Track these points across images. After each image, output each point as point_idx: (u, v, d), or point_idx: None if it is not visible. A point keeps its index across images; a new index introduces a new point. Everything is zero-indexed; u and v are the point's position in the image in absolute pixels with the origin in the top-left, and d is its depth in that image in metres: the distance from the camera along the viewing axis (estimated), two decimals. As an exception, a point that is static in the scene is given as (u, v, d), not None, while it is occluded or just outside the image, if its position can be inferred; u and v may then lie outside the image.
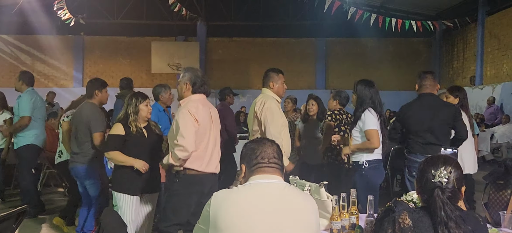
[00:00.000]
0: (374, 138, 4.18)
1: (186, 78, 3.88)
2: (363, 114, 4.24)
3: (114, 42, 18.79)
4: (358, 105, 4.33)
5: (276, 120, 4.41)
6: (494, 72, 13.88)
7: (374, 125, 4.20)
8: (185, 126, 3.71)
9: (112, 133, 4.12)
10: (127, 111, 4.12)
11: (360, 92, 4.33)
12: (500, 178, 2.91)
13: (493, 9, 13.98)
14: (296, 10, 16.76)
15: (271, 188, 2.22)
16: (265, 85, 4.60)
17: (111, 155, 4.11)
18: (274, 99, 4.51)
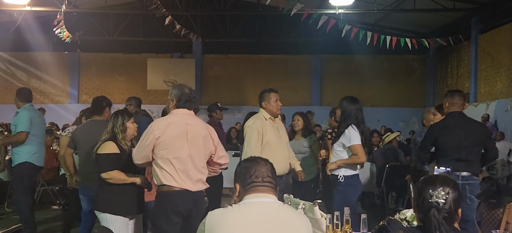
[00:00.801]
0: (361, 152, 4.25)
1: (173, 95, 3.87)
2: (347, 130, 4.31)
3: (110, 59, 18.84)
4: (342, 121, 4.40)
5: (253, 139, 4.52)
6: (488, 89, 13.99)
7: (359, 140, 4.28)
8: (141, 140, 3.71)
9: (107, 151, 4.02)
10: (114, 130, 4.09)
11: (345, 108, 4.42)
12: (492, 197, 2.94)
13: (486, 27, 14.15)
14: (291, 27, 16.89)
15: (265, 207, 2.23)
16: (260, 105, 4.75)
17: (111, 175, 3.98)
18: (261, 118, 4.63)
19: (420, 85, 18.72)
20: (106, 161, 4.00)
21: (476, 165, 4.60)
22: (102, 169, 4.02)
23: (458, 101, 4.73)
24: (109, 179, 4.00)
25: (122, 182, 4.03)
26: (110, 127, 4.11)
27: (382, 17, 16.26)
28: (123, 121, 4.12)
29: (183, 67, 18.00)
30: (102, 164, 4.02)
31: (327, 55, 18.54)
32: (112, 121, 4.14)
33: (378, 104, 18.16)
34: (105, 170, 4.00)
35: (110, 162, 3.99)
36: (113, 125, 4.11)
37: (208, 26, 17.74)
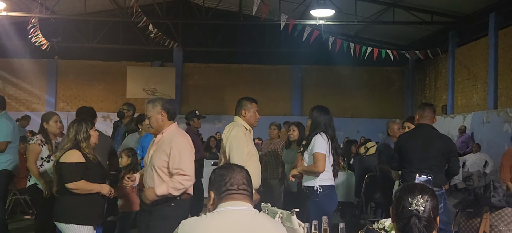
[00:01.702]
0: (320, 162, 4.20)
1: (158, 107, 3.82)
2: (314, 138, 4.27)
3: (89, 66, 18.59)
4: (311, 130, 4.36)
5: (241, 148, 4.38)
6: (465, 101, 14.21)
7: (322, 149, 4.23)
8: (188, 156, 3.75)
9: (72, 161, 3.86)
10: (77, 138, 3.94)
11: (315, 118, 4.38)
12: (469, 206, 2.94)
13: (463, 40, 14.40)
14: (272, 37, 16.93)
15: (240, 215, 2.18)
16: (237, 113, 4.60)
17: (78, 185, 3.85)
18: (242, 127, 4.51)
19: (399, 96, 18.93)
20: (72, 171, 3.85)
21: (440, 176, 4.73)
22: (67, 179, 3.85)
23: (428, 114, 4.84)
24: (75, 190, 3.86)
25: (87, 192, 3.90)
26: (73, 134, 3.95)
27: (362, 29, 16.43)
28: (87, 129, 3.98)
29: (163, 76, 17.86)
30: (67, 173, 3.85)
31: (308, 66, 18.63)
32: (74, 128, 3.98)
33: (358, 115, 18.30)
34: (71, 180, 3.84)
35: (76, 171, 3.85)
36: (76, 132, 3.95)
37: (189, 35, 17.67)
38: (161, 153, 3.75)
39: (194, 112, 7.51)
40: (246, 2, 14.95)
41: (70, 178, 3.85)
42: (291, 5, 13.97)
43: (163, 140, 3.82)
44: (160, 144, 3.82)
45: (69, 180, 3.85)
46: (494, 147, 12.00)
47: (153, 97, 4.04)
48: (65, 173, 3.86)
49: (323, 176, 4.27)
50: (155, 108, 3.81)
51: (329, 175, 4.33)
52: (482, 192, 2.83)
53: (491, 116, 12.35)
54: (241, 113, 4.57)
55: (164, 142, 3.80)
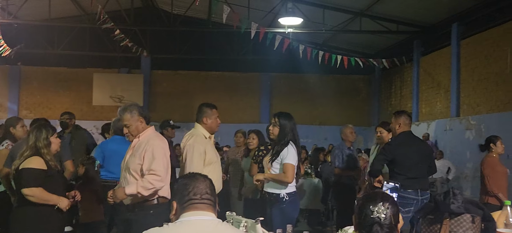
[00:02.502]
0: (290, 172, 4.23)
1: (136, 114, 3.86)
2: (286, 148, 4.29)
3: (53, 73, 18.17)
4: (281, 138, 4.37)
5: (195, 158, 4.35)
6: (429, 109, 14.56)
7: (294, 160, 4.27)
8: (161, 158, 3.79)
9: (33, 166, 3.70)
10: (37, 145, 3.79)
11: (283, 125, 4.40)
12: (430, 213, 2.99)
13: (427, 49, 14.78)
14: (241, 45, 16.96)
15: (203, 225, 2.15)
16: (198, 120, 4.57)
17: (34, 192, 3.67)
18: (201, 135, 4.48)
19: (365, 104, 19.25)
20: (30, 176, 3.67)
21: (426, 179, 5.12)
22: (24, 184, 3.67)
23: (408, 121, 5.06)
24: (30, 196, 3.67)
25: (44, 201, 3.73)
26: (32, 141, 3.79)
27: (330, 38, 16.66)
28: (47, 135, 3.84)
29: (131, 83, 17.64)
30: (25, 178, 3.67)
31: (276, 74, 18.74)
32: (34, 134, 3.82)
33: (325, 123, 18.49)
34: (28, 185, 3.65)
35: (35, 177, 3.68)
36: (36, 138, 3.79)
37: (157, 42, 17.50)
38: (136, 157, 3.80)
39: (168, 122, 7.41)
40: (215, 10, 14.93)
41: (28, 183, 3.66)
42: (260, 13, 14.05)
43: (139, 143, 3.87)
44: (136, 148, 3.86)
45: (25, 185, 3.67)
46: (456, 153, 12.33)
47: (126, 105, 3.98)
48: (23, 178, 3.68)
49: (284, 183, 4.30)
50: (134, 116, 3.84)
51: (294, 182, 4.37)
52: (442, 199, 2.89)
53: (454, 124, 12.70)
54: (202, 120, 4.54)
55: (140, 146, 3.84)
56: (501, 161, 6.15)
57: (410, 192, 4.88)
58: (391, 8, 12.91)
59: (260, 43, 13.10)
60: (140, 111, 3.91)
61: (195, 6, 13.71)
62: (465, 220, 2.81)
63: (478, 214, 2.84)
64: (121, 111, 3.93)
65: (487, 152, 6.15)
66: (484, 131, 11.09)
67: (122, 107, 4.02)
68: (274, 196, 4.30)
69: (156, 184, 3.70)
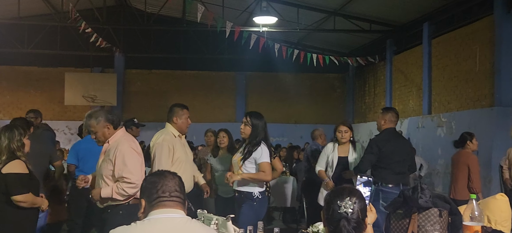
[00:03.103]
0: (268, 171, 4.28)
1: (103, 121, 3.85)
2: (260, 147, 4.33)
3: (24, 72, 17.77)
4: (253, 137, 4.39)
5: (163, 155, 4.40)
6: (402, 107, 14.79)
7: (268, 158, 4.31)
8: (133, 162, 3.78)
9: (18, 171, 3.64)
10: (10, 147, 3.70)
11: (255, 125, 4.42)
12: (399, 208, 3.04)
13: (400, 48, 15.01)
14: (217, 44, 16.90)
15: (172, 223, 2.14)
16: (169, 120, 4.65)
17: (27, 198, 3.65)
18: (171, 134, 4.53)
19: (340, 102, 19.43)
20: (19, 182, 3.62)
21: (408, 177, 5.36)
22: (15, 191, 3.61)
23: (394, 119, 5.17)
24: (22, 202, 3.65)
25: (33, 205, 3.74)
26: (6, 143, 3.69)
27: (304, 36, 16.75)
28: (20, 137, 3.76)
29: (104, 82, 17.38)
30: (14, 185, 3.61)
31: (252, 73, 18.75)
32: (6, 136, 3.71)
33: (301, 121, 18.59)
34: (20, 192, 3.61)
35: (23, 183, 3.65)
36: (9, 140, 3.70)
37: (131, 41, 17.28)
38: (107, 162, 3.84)
39: (132, 120, 7.32)
40: (190, 9, 14.84)
41: (18, 190, 3.61)
42: (235, 12, 14.03)
43: (109, 148, 3.89)
44: (107, 152, 3.88)
45: (18, 192, 3.61)
46: (428, 150, 12.55)
47: (92, 111, 3.98)
48: (10, 184, 3.61)
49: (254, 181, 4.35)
50: (100, 123, 3.84)
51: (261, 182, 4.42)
52: (410, 194, 2.94)
53: (426, 121, 12.93)
54: (173, 120, 4.62)
55: (110, 150, 3.86)
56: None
57: (393, 187, 5.00)
58: (364, 7, 13.06)
59: (235, 42, 13.08)
60: (107, 117, 3.89)
61: (169, 4, 13.61)
62: (433, 214, 2.86)
63: (446, 208, 2.91)
64: (87, 117, 3.92)
65: (461, 148, 6.28)
66: (454, 128, 11.33)
67: (88, 113, 3.99)
68: (245, 194, 4.31)
69: (129, 191, 3.76)
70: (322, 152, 5.97)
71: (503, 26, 9.99)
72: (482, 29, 10.81)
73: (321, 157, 5.92)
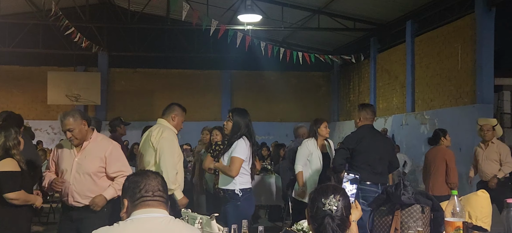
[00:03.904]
0: (235, 166, 4.16)
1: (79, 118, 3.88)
2: (237, 141, 4.26)
3: (5, 71, 17.50)
4: (233, 133, 4.34)
5: (173, 151, 4.36)
6: (386, 105, 14.92)
7: (242, 154, 4.20)
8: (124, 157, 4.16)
9: (10, 169, 3.68)
10: (6, 145, 3.74)
11: (236, 121, 4.37)
12: (382, 205, 3.06)
13: (383, 46, 15.13)
14: (202, 43, 16.85)
15: (155, 222, 2.12)
16: (166, 116, 4.56)
17: (19, 195, 3.68)
18: (172, 130, 4.48)
19: (325, 100, 19.52)
20: (11, 180, 3.67)
21: (387, 176, 5.21)
22: (6, 189, 3.65)
23: (370, 115, 5.12)
24: (15, 200, 3.69)
25: (25, 203, 3.78)
26: (2, 141, 3.72)
27: (289, 35, 16.79)
28: (16, 135, 3.81)
29: (87, 81, 17.21)
30: (6, 182, 3.65)
31: (237, 71, 18.74)
32: (3, 134, 3.76)
33: (286, 119, 18.63)
34: (11, 189, 3.65)
35: (15, 181, 3.69)
36: (6, 138, 3.74)
37: (114, 39, 17.13)
38: (94, 159, 3.90)
39: (119, 119, 7.30)
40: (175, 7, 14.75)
41: (10, 187, 3.65)
42: (219, 11, 14.00)
43: (93, 146, 3.95)
44: (91, 150, 3.93)
45: (10, 190, 3.66)
46: (412, 147, 12.69)
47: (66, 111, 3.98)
48: (3, 182, 3.65)
49: (242, 179, 4.24)
50: (77, 120, 3.86)
51: (248, 179, 4.32)
52: (393, 191, 2.97)
53: (409, 119, 13.06)
54: (171, 116, 4.55)
55: (95, 148, 3.94)
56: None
57: (371, 185, 4.97)
58: (348, 6, 13.14)
59: (220, 41, 13.06)
60: (82, 114, 3.98)
61: (153, 3, 13.53)
62: (415, 210, 2.89)
63: (428, 204, 2.94)
64: (63, 116, 3.90)
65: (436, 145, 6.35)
66: (437, 125, 11.46)
67: (68, 112, 3.97)
68: (228, 192, 4.26)
69: None
70: (302, 149, 5.74)
71: (484, 24, 10.14)
72: (463, 27, 10.95)
73: (301, 154, 5.70)
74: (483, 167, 6.35)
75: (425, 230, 2.85)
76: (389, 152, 5.28)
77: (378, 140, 5.22)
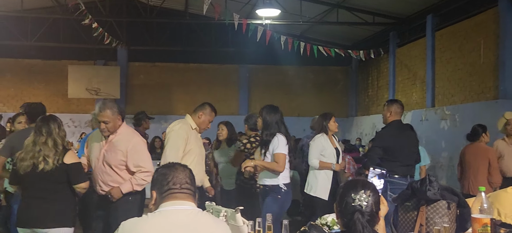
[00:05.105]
0: (282, 161, 4.28)
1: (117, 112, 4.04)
2: (276, 138, 4.33)
3: (27, 65, 17.78)
4: (264, 129, 4.41)
5: (176, 144, 4.41)
6: (405, 100, 14.75)
7: (284, 149, 4.31)
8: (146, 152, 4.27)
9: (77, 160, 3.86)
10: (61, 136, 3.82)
11: (264, 118, 4.43)
12: (407, 200, 3.04)
13: (403, 41, 14.96)
14: (220, 37, 16.88)
15: (183, 214, 2.15)
16: (194, 113, 4.63)
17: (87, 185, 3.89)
18: (187, 125, 4.53)
19: (343, 95, 19.40)
20: (82, 170, 3.87)
21: (414, 168, 5.32)
22: (81, 179, 3.80)
23: (400, 110, 5.20)
24: (84, 189, 3.90)
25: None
26: (56, 133, 3.78)
27: (307, 29, 16.71)
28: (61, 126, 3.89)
29: (107, 75, 17.37)
30: (79, 173, 3.81)
31: (255, 65, 18.72)
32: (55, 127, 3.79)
33: (304, 114, 18.55)
34: (84, 179, 3.83)
35: (83, 171, 3.90)
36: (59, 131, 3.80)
37: (133, 34, 17.26)
38: (116, 152, 4.03)
39: (144, 113, 7.39)
40: (193, 1, 14.80)
41: (83, 177, 3.84)
42: (237, 5, 13.99)
43: (118, 139, 4.06)
44: (115, 143, 4.05)
45: (82, 180, 3.83)
46: (431, 143, 12.54)
47: (106, 101, 4.15)
48: (75, 173, 3.79)
49: (285, 174, 4.36)
50: (114, 114, 4.01)
51: (288, 173, 4.43)
52: (418, 186, 2.94)
53: (429, 114, 12.91)
54: (198, 113, 4.62)
55: (119, 142, 4.05)
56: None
57: (400, 178, 5.04)
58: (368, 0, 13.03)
59: (238, 35, 13.07)
60: (119, 109, 4.11)
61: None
62: (441, 206, 2.86)
63: (454, 200, 2.91)
64: (102, 107, 3.97)
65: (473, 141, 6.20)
66: (458, 121, 11.31)
67: (102, 102, 4.06)
68: (270, 187, 4.34)
69: (147, 179, 4.02)
70: (316, 144, 5.65)
71: (508, 18, 9.95)
72: (486, 21, 10.77)
73: (314, 149, 5.60)
74: (510, 163, 6.17)
75: (452, 226, 2.82)
76: (416, 145, 5.39)
77: (407, 134, 5.30)
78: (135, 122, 7.25)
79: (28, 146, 3.76)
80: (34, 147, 3.72)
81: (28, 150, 3.75)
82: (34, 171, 3.70)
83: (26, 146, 3.79)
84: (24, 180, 3.77)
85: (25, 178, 3.75)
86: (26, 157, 3.73)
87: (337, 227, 2.90)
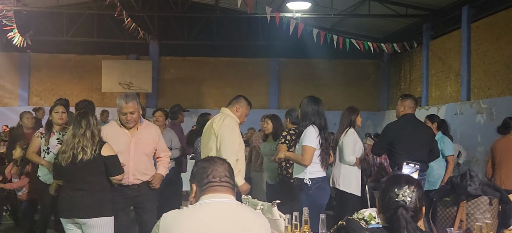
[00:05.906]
0: (307, 155, 4.19)
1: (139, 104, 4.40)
2: (306, 129, 4.28)
3: (62, 60, 18.23)
4: (301, 120, 4.39)
5: (233, 137, 4.41)
6: (439, 93, 14.46)
7: (312, 142, 4.21)
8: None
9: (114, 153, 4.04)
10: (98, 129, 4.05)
11: (303, 108, 4.40)
12: (446, 195, 2.99)
13: (437, 33, 14.63)
14: (250, 30, 16.89)
15: (222, 207, 2.18)
16: (230, 106, 4.62)
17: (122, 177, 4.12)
18: (234, 118, 4.53)
19: (374, 89, 19.13)
20: (118, 163, 4.03)
21: (426, 164, 5.22)
22: (118, 171, 4.01)
23: (413, 105, 5.15)
24: (119, 181, 4.09)
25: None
26: (94, 125, 3.97)
27: (338, 22, 16.52)
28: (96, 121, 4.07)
29: (139, 69, 17.64)
30: (116, 165, 4.00)
31: (285, 59, 18.66)
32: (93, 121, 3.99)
33: (334, 108, 18.35)
34: (120, 171, 4.04)
35: (119, 163, 4.06)
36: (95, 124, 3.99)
37: (165, 28, 17.47)
38: (149, 141, 4.43)
39: (179, 106, 7.50)
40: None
41: (119, 169, 4.02)
42: (268, -2, 13.94)
43: (145, 130, 4.43)
44: (143, 133, 4.39)
45: (119, 172, 4.02)
46: (467, 138, 12.26)
47: (130, 94, 4.27)
48: (113, 165, 3.98)
49: (313, 168, 4.26)
50: (138, 105, 4.33)
51: (319, 167, 4.32)
52: (458, 181, 2.89)
53: (465, 108, 12.61)
54: (235, 107, 4.62)
55: (148, 132, 4.43)
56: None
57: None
58: (401, -9, 12.78)
59: (268, 29, 13.05)
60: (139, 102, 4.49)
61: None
62: (482, 202, 2.81)
63: (496, 196, 2.84)
64: (128, 99, 4.14)
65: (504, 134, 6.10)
66: (495, 114, 11.00)
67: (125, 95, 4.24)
68: (299, 181, 4.32)
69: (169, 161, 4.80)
70: (349, 140, 5.54)
71: (549, 8, 9.61)
72: (525, 12, 10.43)
73: (349, 145, 5.50)
74: None
75: (493, 222, 2.76)
76: (430, 141, 5.30)
77: (419, 129, 5.28)
78: (171, 115, 7.33)
79: (68, 139, 3.94)
80: (74, 139, 3.94)
81: (68, 143, 3.93)
82: (74, 162, 3.87)
83: (66, 140, 4.01)
84: (66, 173, 3.98)
85: (67, 170, 3.92)
86: (66, 149, 3.94)
87: (374, 222, 2.88)
